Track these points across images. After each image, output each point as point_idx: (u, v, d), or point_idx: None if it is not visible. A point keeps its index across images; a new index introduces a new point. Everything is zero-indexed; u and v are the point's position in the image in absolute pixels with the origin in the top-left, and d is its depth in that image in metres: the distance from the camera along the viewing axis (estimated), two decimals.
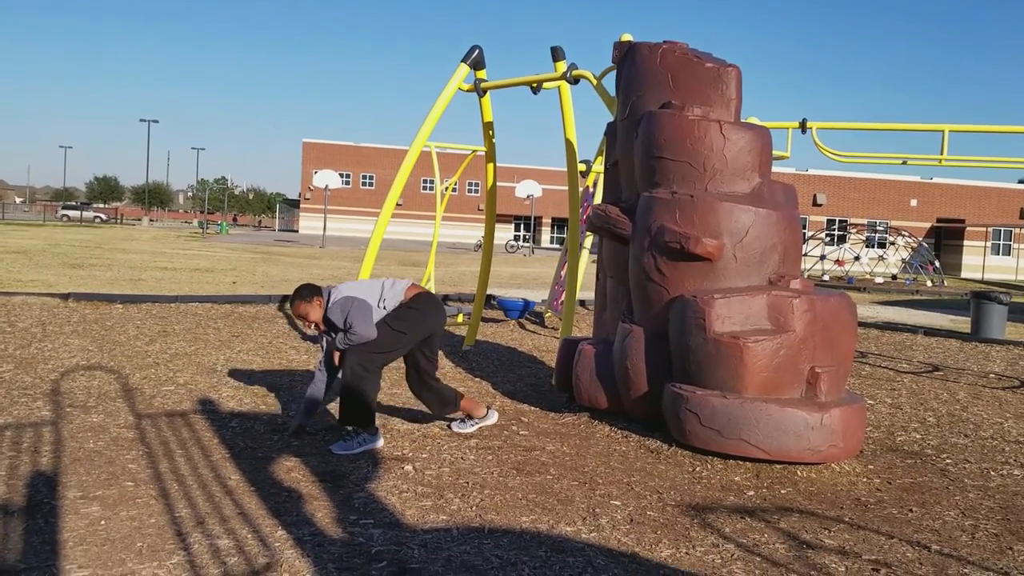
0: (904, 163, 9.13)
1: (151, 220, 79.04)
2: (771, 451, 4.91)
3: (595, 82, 7.34)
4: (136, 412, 5.56)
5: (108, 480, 4.18)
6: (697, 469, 4.92)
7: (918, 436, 6.06)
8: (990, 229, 45.44)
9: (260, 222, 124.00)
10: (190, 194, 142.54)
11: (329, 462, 4.68)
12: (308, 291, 5.10)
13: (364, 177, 69.69)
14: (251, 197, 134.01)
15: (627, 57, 6.14)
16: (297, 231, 67.22)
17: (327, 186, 42.55)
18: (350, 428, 5.05)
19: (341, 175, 61.25)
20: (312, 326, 5.15)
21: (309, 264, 23.92)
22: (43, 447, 4.68)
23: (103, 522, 3.64)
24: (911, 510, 4.39)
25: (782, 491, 4.60)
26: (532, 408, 6.30)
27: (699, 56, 5.82)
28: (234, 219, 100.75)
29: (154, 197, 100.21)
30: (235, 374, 6.94)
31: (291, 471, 4.49)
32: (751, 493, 4.53)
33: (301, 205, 69.49)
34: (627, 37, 6.48)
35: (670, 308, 5.47)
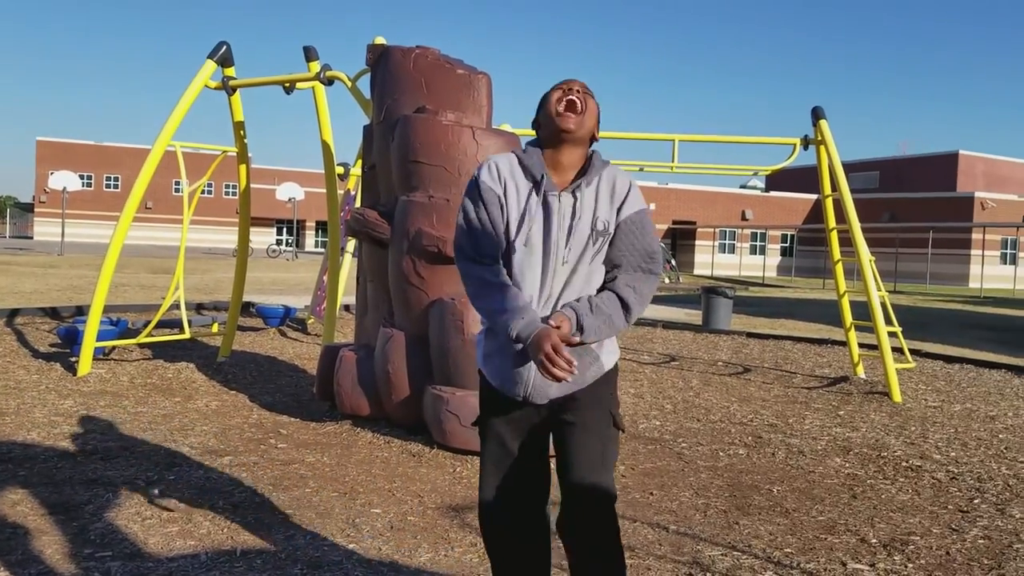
0: (641, 169, 9.86)
1: None
2: None
3: (350, 84, 7.25)
4: None
5: None
6: (458, 469, 5.00)
7: (658, 423, 6.55)
8: (717, 230, 50.03)
9: None
10: None
11: (62, 492, 4.26)
12: None
13: (108, 179, 64.36)
14: None
15: (381, 60, 6.12)
16: (32, 238, 60.77)
17: (65, 188, 38.72)
18: None
19: (81, 176, 55.96)
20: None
21: (45, 273, 21.69)
22: None
23: None
24: (652, 493, 4.72)
25: None
26: (292, 419, 6.12)
27: (451, 62, 5.93)
28: None
29: None
30: None
31: (16, 504, 4.04)
32: None
33: (36, 209, 62.98)
34: (380, 40, 6.47)
35: (430, 311, 5.53)
